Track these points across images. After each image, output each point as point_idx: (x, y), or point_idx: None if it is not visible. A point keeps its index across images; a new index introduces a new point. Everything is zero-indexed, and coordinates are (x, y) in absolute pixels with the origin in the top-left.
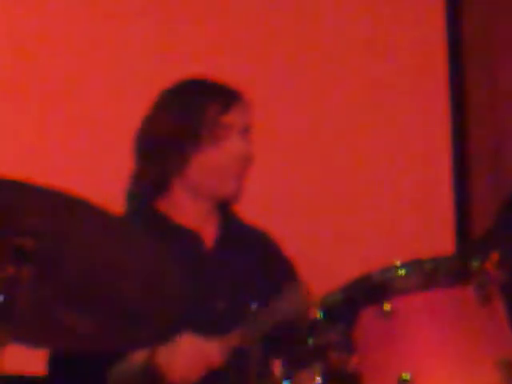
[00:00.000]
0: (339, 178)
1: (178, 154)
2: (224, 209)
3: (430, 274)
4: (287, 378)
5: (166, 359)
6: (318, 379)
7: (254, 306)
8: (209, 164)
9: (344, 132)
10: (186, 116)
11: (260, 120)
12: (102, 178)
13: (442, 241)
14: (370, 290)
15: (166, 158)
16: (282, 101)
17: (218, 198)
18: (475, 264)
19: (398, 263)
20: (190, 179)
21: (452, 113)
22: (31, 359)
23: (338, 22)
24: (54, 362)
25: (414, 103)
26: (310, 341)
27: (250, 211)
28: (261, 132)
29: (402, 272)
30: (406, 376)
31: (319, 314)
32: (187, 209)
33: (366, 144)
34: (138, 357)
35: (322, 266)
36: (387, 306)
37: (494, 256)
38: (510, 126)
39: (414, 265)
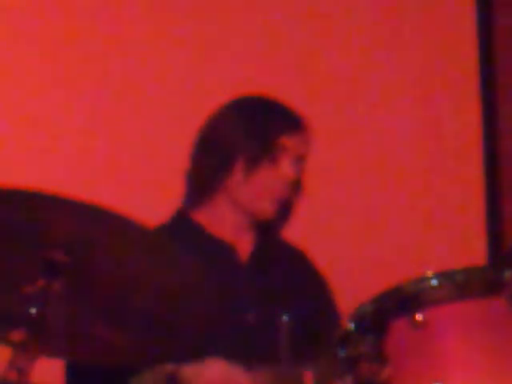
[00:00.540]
0: (370, 198)
1: (230, 166)
2: (264, 226)
3: (462, 285)
4: None
5: (190, 378)
6: None
7: (285, 319)
8: (255, 181)
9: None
10: (250, 132)
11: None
12: (135, 190)
13: (474, 252)
14: (401, 301)
15: (218, 167)
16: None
17: (254, 216)
18: (508, 275)
19: (430, 273)
20: (233, 193)
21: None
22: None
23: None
24: (72, 373)
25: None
26: (342, 353)
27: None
28: None
29: (433, 283)
30: None
31: (350, 326)
32: (225, 222)
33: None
34: (162, 369)
35: (353, 279)
36: (419, 317)
37: None
38: None
39: (445, 275)
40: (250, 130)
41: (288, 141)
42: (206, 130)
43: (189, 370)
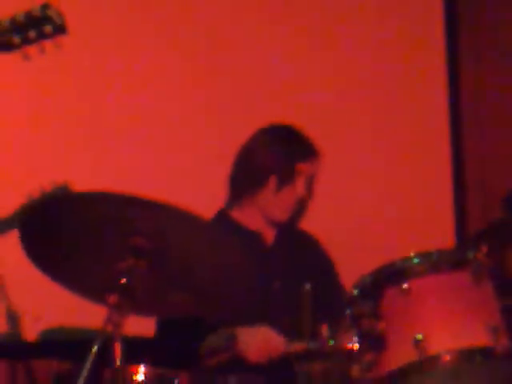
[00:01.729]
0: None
1: (265, 183)
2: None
3: (437, 262)
4: (332, 338)
5: (244, 341)
6: (355, 339)
7: (307, 286)
8: (280, 197)
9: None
10: (280, 160)
11: None
12: (195, 192)
13: (445, 237)
14: (391, 274)
15: (255, 182)
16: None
17: (271, 220)
18: (470, 254)
19: (413, 254)
20: (262, 202)
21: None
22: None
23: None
24: (166, 326)
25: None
26: (348, 311)
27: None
28: None
29: (415, 260)
30: (419, 337)
31: (355, 292)
32: (253, 219)
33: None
34: (224, 331)
35: (354, 257)
36: (405, 286)
37: (484, 248)
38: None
39: (424, 255)
40: (281, 158)
41: (303, 166)
42: (246, 151)
43: (242, 332)
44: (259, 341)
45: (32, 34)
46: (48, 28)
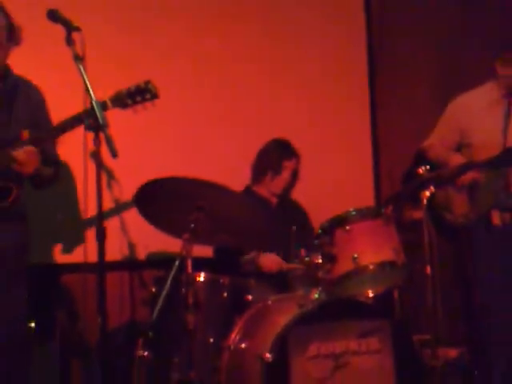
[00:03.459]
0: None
1: (266, 172)
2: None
3: (365, 214)
4: (307, 256)
5: (262, 259)
6: (320, 257)
7: (293, 228)
8: (275, 181)
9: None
10: (273, 159)
11: None
12: (232, 176)
13: (369, 199)
14: (339, 221)
15: (264, 171)
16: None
17: (273, 193)
18: (383, 210)
19: (351, 209)
20: (266, 183)
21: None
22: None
23: None
24: (217, 252)
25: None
26: (316, 242)
27: None
28: None
29: (353, 213)
30: (355, 255)
31: (319, 231)
32: (264, 191)
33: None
34: (249, 255)
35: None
36: (347, 228)
37: (390, 207)
38: None
39: (358, 210)
40: (275, 159)
41: (287, 163)
42: (261, 153)
43: (260, 255)
44: (269, 260)
45: (138, 98)
46: (148, 95)
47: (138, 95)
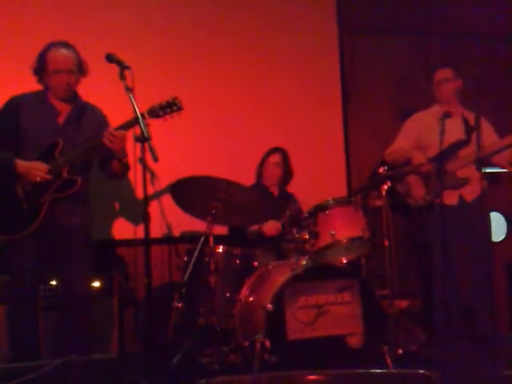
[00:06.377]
0: None
1: (260, 166)
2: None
3: (340, 202)
4: (297, 233)
5: (264, 226)
6: (306, 234)
7: (287, 213)
8: (264, 171)
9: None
10: (266, 158)
11: None
12: (244, 174)
13: (342, 190)
14: (321, 209)
15: (259, 165)
16: None
17: (272, 185)
18: (353, 199)
19: (330, 198)
20: (263, 176)
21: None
22: (220, 229)
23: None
24: (230, 230)
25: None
26: (304, 222)
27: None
28: None
29: (331, 201)
30: (332, 232)
31: (306, 215)
32: (267, 183)
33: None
34: (255, 227)
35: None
36: (327, 212)
37: (359, 196)
38: None
39: (335, 199)
40: (263, 156)
41: (271, 158)
42: (262, 159)
43: (264, 224)
44: (270, 225)
45: (168, 110)
46: (175, 108)
47: (168, 108)
